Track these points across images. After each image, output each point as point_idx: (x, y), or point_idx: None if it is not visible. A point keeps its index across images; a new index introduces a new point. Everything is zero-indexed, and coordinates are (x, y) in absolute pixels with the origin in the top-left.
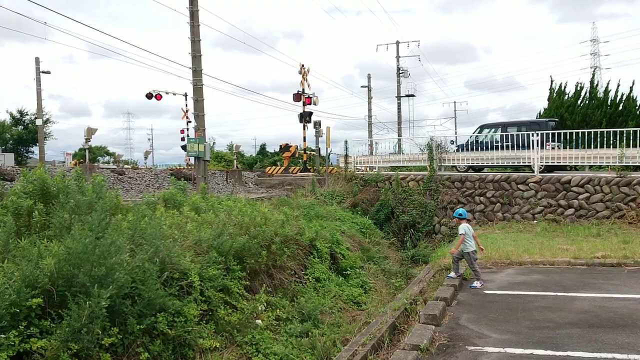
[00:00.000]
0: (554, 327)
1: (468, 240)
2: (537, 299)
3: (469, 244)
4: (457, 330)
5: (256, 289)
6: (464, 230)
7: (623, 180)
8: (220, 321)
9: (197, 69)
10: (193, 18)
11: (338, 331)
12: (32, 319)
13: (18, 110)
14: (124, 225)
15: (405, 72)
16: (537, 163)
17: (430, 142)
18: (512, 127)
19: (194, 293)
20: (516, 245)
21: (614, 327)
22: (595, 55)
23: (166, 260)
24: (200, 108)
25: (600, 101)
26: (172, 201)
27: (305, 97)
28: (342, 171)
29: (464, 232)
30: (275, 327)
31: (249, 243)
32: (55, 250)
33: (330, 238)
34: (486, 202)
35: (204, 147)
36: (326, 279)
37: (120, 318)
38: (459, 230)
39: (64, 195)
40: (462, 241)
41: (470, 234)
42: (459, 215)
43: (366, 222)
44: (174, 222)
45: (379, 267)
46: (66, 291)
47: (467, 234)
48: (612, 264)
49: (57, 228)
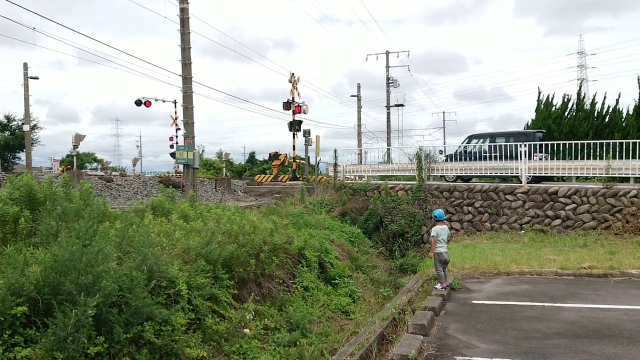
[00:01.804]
0: (542, 337)
1: (439, 242)
2: (525, 309)
3: (439, 245)
4: (446, 340)
5: (244, 298)
6: (436, 233)
7: (609, 191)
8: (207, 330)
9: (187, 76)
10: (183, 25)
11: (326, 341)
12: (16, 328)
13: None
14: (112, 233)
15: (395, 82)
16: (525, 174)
17: (419, 152)
18: (500, 138)
19: (181, 302)
20: (504, 256)
21: (601, 337)
22: (582, 67)
23: (154, 269)
24: (189, 115)
25: (587, 113)
26: (160, 209)
27: (295, 105)
28: (331, 180)
29: (435, 234)
30: (263, 336)
31: (237, 251)
32: (42, 257)
33: (319, 247)
34: (474, 212)
35: (193, 154)
36: (315, 288)
37: (106, 327)
38: (431, 232)
39: (50, 202)
40: (435, 243)
41: (443, 235)
42: (434, 217)
43: (355, 231)
44: (162, 230)
45: (368, 276)
46: (52, 299)
47: (438, 235)
48: (598, 274)
49: (44, 235)
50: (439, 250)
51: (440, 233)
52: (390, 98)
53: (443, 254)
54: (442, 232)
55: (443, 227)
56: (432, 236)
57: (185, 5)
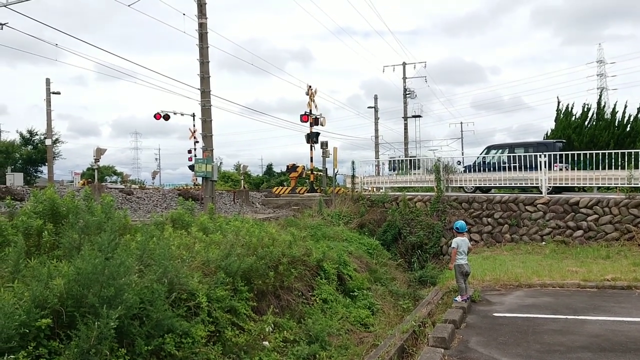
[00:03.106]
0: (565, 350)
1: (460, 254)
2: (547, 322)
3: (460, 257)
4: (467, 353)
5: (263, 310)
6: (456, 244)
7: (632, 201)
8: (227, 342)
9: (205, 90)
10: (202, 40)
11: (346, 353)
12: (41, 340)
13: (28, 130)
14: (133, 246)
15: (412, 93)
16: (545, 184)
17: (438, 163)
18: (520, 148)
19: (201, 314)
20: (525, 267)
21: (626, 351)
22: (602, 76)
23: (174, 281)
24: (208, 129)
25: (608, 122)
26: (180, 221)
27: (312, 117)
28: (348, 192)
29: (455, 246)
30: (283, 348)
31: (256, 264)
32: (65, 270)
33: (338, 259)
34: (494, 224)
35: (212, 167)
36: (333, 300)
37: (128, 339)
38: (452, 243)
39: (73, 216)
40: (455, 255)
41: (463, 247)
42: (456, 228)
43: (373, 243)
44: (182, 242)
45: (387, 289)
46: (75, 312)
47: (459, 247)
48: (622, 286)
49: (67, 248)
50: (460, 262)
51: (461, 245)
52: (407, 109)
53: (464, 266)
54: (463, 243)
55: (464, 238)
56: (452, 247)
57: (204, 20)
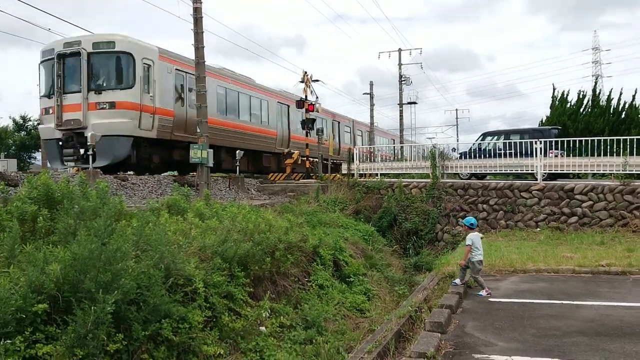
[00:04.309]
0: (561, 335)
1: (475, 250)
2: (543, 307)
3: (475, 253)
4: (463, 338)
5: (260, 296)
6: (471, 241)
7: (627, 188)
8: (224, 328)
9: (200, 75)
10: (197, 25)
11: (342, 338)
12: (37, 325)
13: (21, 116)
14: (129, 232)
15: (408, 80)
16: (540, 171)
17: (433, 150)
18: (515, 135)
19: (198, 299)
20: (520, 253)
21: (621, 335)
22: (597, 63)
23: (171, 267)
24: (203, 114)
25: (603, 109)
26: (175, 207)
27: (308, 104)
28: (344, 178)
29: (470, 243)
30: (279, 334)
31: (253, 249)
32: (61, 256)
33: (334, 245)
34: (489, 210)
35: (207, 153)
36: (329, 286)
37: (125, 324)
38: (465, 240)
39: (68, 201)
40: (469, 252)
41: (478, 243)
42: (470, 224)
43: (369, 230)
44: (179, 228)
45: (382, 275)
46: (72, 297)
47: (474, 244)
48: (616, 272)
49: (62, 234)
50: (479, 258)
51: (476, 241)
52: (402, 96)
53: (477, 263)
54: (477, 239)
55: (477, 234)
56: (467, 244)
57: (199, 5)
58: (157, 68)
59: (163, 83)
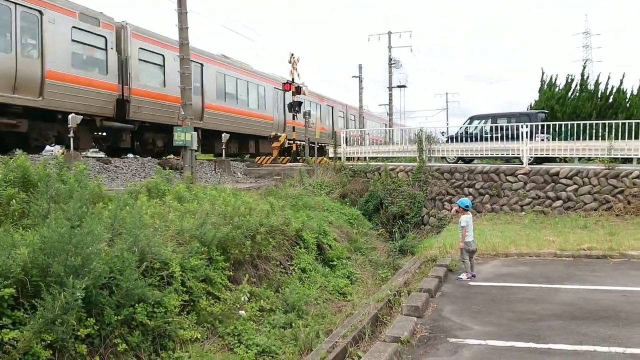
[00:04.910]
0: (537, 319)
1: (467, 231)
2: (522, 290)
3: (468, 234)
4: (440, 322)
5: (240, 280)
6: (466, 222)
7: (611, 172)
8: (202, 312)
9: (184, 57)
10: (181, 5)
11: (322, 322)
12: (4, 310)
13: None
14: (105, 215)
15: (397, 63)
16: (526, 155)
17: (420, 133)
18: (502, 119)
19: (174, 283)
20: (503, 237)
21: (597, 319)
22: (587, 47)
23: (146, 250)
24: (187, 97)
25: (591, 93)
26: (156, 190)
27: (294, 86)
28: (331, 162)
29: (465, 225)
30: (259, 318)
31: (232, 233)
32: (31, 239)
33: (317, 229)
34: (475, 194)
35: (191, 136)
36: (312, 269)
37: (97, 309)
38: (460, 222)
39: (43, 184)
40: (465, 233)
41: (470, 224)
42: (465, 206)
43: (354, 213)
44: (156, 211)
45: (366, 258)
46: (41, 281)
47: (467, 225)
48: (597, 255)
49: (35, 217)
50: (468, 240)
51: (469, 222)
52: (392, 79)
53: (471, 243)
54: (470, 221)
55: (470, 216)
56: (461, 226)
57: None
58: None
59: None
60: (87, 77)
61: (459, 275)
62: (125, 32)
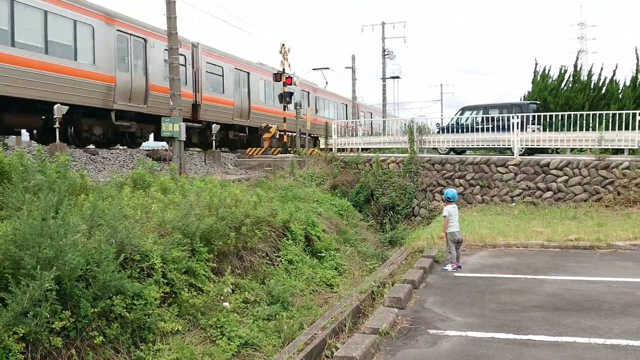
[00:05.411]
0: (519, 310)
1: (451, 221)
2: (507, 281)
3: (452, 224)
4: (421, 313)
5: (224, 272)
6: (447, 212)
7: (601, 163)
8: (183, 304)
9: (173, 46)
10: None
11: (308, 314)
12: None
13: None
14: (86, 206)
15: (391, 54)
16: (517, 146)
17: (411, 124)
18: (494, 110)
19: (155, 275)
20: (491, 228)
21: (579, 310)
22: (582, 39)
23: (125, 242)
24: (176, 87)
25: (584, 85)
26: (141, 182)
27: (285, 77)
28: (322, 153)
29: (447, 214)
30: (243, 309)
31: (216, 224)
32: (3, 231)
33: (306, 220)
34: (466, 185)
35: (179, 127)
36: (299, 261)
37: (73, 301)
38: (443, 212)
39: (17, 175)
40: (447, 223)
41: (454, 215)
42: (448, 198)
43: (345, 204)
44: (139, 203)
45: (355, 249)
46: (14, 274)
47: (450, 215)
48: (584, 246)
49: (11, 209)
50: (452, 230)
51: (452, 213)
52: (385, 70)
53: (456, 234)
54: (454, 211)
55: (454, 206)
56: (444, 216)
57: None
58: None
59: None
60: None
61: (445, 267)
62: (197, 50)
